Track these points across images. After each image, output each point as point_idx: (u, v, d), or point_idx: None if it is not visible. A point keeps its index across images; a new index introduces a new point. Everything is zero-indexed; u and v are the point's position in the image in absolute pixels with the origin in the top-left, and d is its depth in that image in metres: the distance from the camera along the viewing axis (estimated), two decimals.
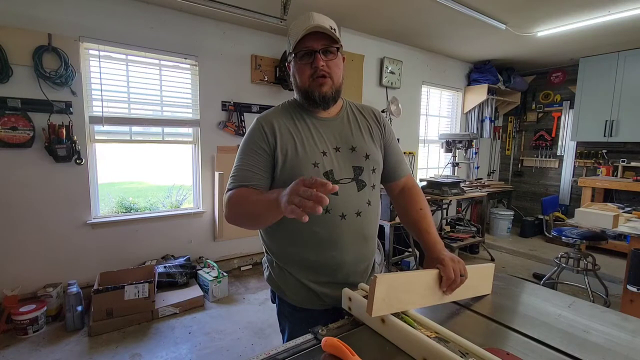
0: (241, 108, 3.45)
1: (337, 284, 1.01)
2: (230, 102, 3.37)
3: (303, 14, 0.97)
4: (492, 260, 4.00)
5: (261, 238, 1.12)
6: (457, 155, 4.39)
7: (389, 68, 3.97)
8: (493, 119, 5.14)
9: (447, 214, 4.34)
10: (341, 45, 0.99)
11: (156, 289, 2.62)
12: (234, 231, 3.47)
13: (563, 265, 3.02)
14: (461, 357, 0.62)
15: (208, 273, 2.99)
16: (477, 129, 5.00)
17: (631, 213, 2.90)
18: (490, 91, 4.77)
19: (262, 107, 3.55)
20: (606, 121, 4.10)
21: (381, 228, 3.32)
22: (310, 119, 1.04)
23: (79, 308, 2.42)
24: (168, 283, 2.87)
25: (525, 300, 0.99)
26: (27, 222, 2.58)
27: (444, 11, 2.98)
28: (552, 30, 3.39)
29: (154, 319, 2.55)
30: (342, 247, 0.99)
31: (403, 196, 1.15)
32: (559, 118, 4.94)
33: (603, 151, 4.49)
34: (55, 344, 2.25)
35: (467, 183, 4.46)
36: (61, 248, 2.71)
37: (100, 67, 2.78)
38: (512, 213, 4.84)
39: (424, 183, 3.89)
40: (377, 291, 0.73)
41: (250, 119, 3.45)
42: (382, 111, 3.79)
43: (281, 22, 2.85)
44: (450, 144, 4.34)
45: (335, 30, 0.96)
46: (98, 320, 2.37)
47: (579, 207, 2.99)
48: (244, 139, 1.02)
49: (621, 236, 3.67)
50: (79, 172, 2.73)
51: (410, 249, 3.58)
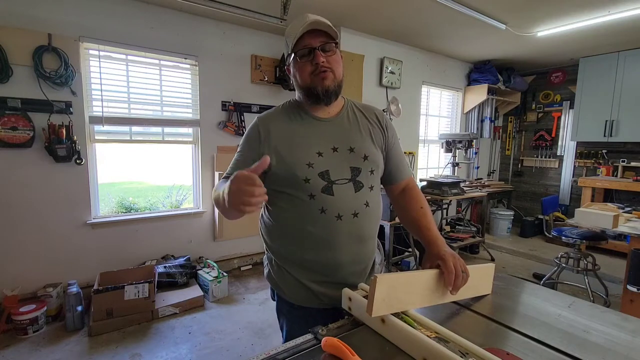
0: (241, 108, 3.45)
1: (335, 284, 1.01)
2: (230, 102, 3.37)
3: (297, 17, 0.99)
4: (492, 260, 4.00)
5: (261, 236, 1.13)
6: (457, 155, 4.39)
7: (389, 68, 3.97)
8: (493, 119, 5.13)
9: (447, 214, 4.34)
10: (338, 41, 1.00)
11: (156, 289, 2.62)
12: (234, 231, 3.47)
13: (563, 265, 3.02)
14: (461, 357, 0.62)
15: (208, 273, 2.99)
16: (477, 129, 5.00)
17: (631, 213, 2.90)
18: (490, 91, 4.76)
19: (262, 107, 3.56)
20: (606, 121, 4.10)
21: (381, 228, 3.31)
22: (308, 120, 1.04)
23: (79, 308, 2.42)
24: (168, 283, 2.87)
25: (525, 300, 0.99)
26: (27, 222, 2.58)
27: (444, 11, 2.98)
28: (552, 30, 3.39)
29: (154, 319, 2.55)
30: (338, 248, 0.99)
31: (403, 196, 1.14)
32: (559, 118, 4.94)
33: (603, 151, 4.49)
34: (55, 344, 2.25)
35: (467, 183, 4.46)
36: (61, 248, 2.71)
37: (100, 67, 2.78)
38: (512, 213, 4.84)
39: (424, 183, 3.88)
40: (377, 291, 0.73)
41: (250, 119, 3.43)
42: (382, 111, 3.79)
43: (281, 22, 2.85)
44: (450, 144, 4.34)
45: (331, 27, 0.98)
46: (98, 320, 2.37)
47: (579, 207, 2.99)
48: (244, 136, 1.08)
49: (621, 236, 3.67)
50: (79, 172, 2.73)
51: (410, 249, 3.58)
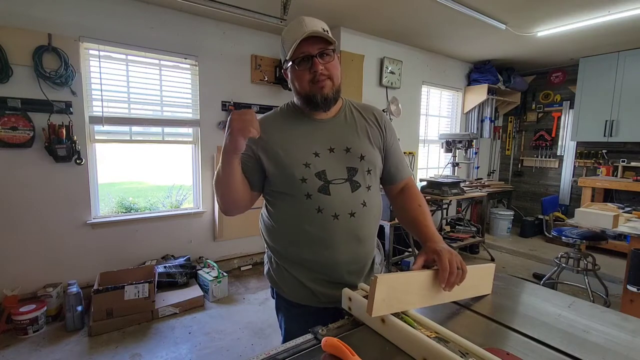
0: (241, 108, 3.44)
1: (332, 283, 1.03)
2: (230, 102, 3.37)
3: (294, 20, 0.98)
4: (492, 260, 4.00)
5: (261, 235, 1.14)
6: (457, 155, 4.39)
7: (389, 68, 3.97)
8: (493, 119, 5.13)
9: (447, 214, 4.34)
10: (336, 46, 0.99)
11: (156, 289, 2.62)
12: (234, 231, 3.47)
13: (563, 265, 3.02)
14: (461, 357, 0.62)
15: (208, 273, 2.99)
16: (477, 129, 5.00)
17: (631, 213, 2.90)
18: (490, 91, 4.76)
19: (262, 107, 3.56)
20: (606, 121, 4.10)
21: (381, 228, 3.31)
22: (305, 121, 1.04)
23: (79, 308, 2.42)
24: (168, 283, 2.87)
25: (525, 300, 0.99)
26: (27, 222, 2.58)
27: (444, 11, 2.98)
28: (552, 30, 3.39)
29: (154, 319, 2.55)
30: (335, 247, 1.00)
31: (402, 195, 1.14)
32: (559, 118, 4.94)
33: (603, 151, 4.49)
34: (55, 344, 2.25)
35: (467, 183, 4.46)
36: (61, 248, 2.71)
37: (100, 67, 2.78)
38: (512, 213, 4.84)
39: (424, 183, 3.88)
40: (377, 291, 0.73)
41: None
42: (382, 111, 3.79)
43: (281, 22, 2.85)
44: (450, 144, 4.34)
45: (327, 31, 0.96)
46: (98, 320, 2.37)
47: (579, 207, 2.99)
48: None
49: (621, 236, 3.67)
50: (79, 172, 2.73)
51: (410, 249, 3.58)
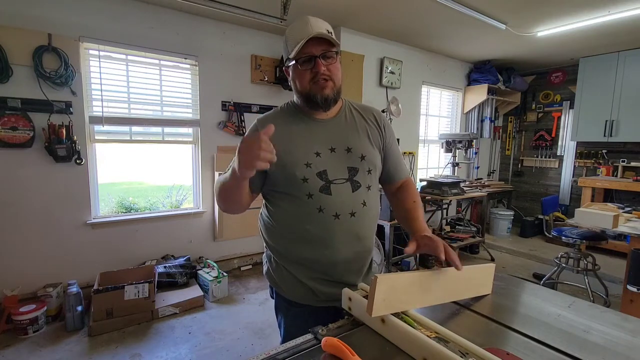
0: (241, 108, 3.45)
1: (332, 282, 1.03)
2: (230, 102, 3.37)
3: (299, 19, 0.97)
4: (492, 260, 4.00)
5: (261, 234, 1.14)
6: (457, 155, 4.39)
7: (389, 68, 3.97)
8: (493, 119, 5.13)
9: (447, 214, 4.34)
10: (339, 48, 0.99)
11: (156, 289, 2.62)
12: (234, 231, 3.46)
13: (563, 265, 3.02)
14: (461, 357, 0.62)
15: (208, 273, 2.99)
16: (477, 129, 5.00)
17: (631, 213, 2.90)
18: (490, 91, 4.76)
19: (262, 107, 3.56)
20: (606, 121, 4.10)
21: (381, 228, 3.31)
22: (306, 120, 1.05)
23: (79, 308, 2.42)
24: (168, 283, 2.87)
25: (525, 300, 0.99)
26: (27, 222, 2.58)
27: (444, 11, 2.98)
28: (552, 30, 3.39)
29: (154, 319, 2.55)
30: (335, 247, 1.00)
31: (400, 192, 1.18)
32: (559, 118, 4.94)
33: (603, 151, 4.49)
34: (55, 344, 2.25)
35: (467, 183, 4.46)
36: (61, 248, 2.71)
37: (100, 67, 2.78)
38: (512, 213, 4.84)
39: (424, 183, 3.88)
40: (377, 291, 0.73)
41: (250, 119, 3.45)
42: (383, 111, 3.79)
43: (281, 22, 2.86)
44: (450, 144, 4.34)
45: (331, 33, 0.96)
46: (98, 320, 2.37)
47: (579, 207, 2.99)
48: (244, 137, 1.06)
49: (621, 236, 3.67)
50: (79, 172, 2.73)
51: None
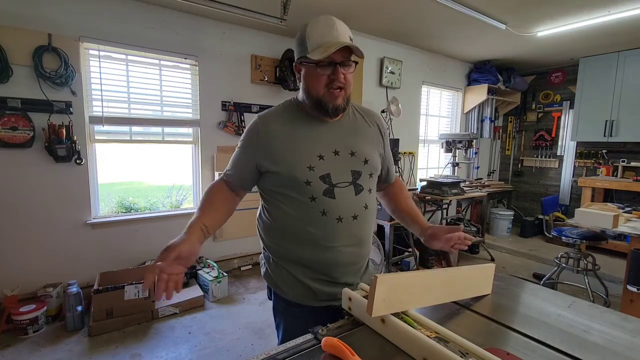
0: (241, 108, 3.45)
1: (332, 282, 1.03)
2: (230, 102, 3.37)
3: (323, 18, 0.94)
4: (492, 260, 4.00)
5: (259, 234, 1.13)
6: (457, 155, 4.39)
7: (389, 68, 3.97)
8: (493, 119, 5.13)
9: (447, 214, 4.34)
10: (358, 62, 0.97)
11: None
12: (234, 231, 3.47)
13: (563, 265, 3.02)
14: (461, 357, 0.62)
15: (208, 273, 2.99)
16: (477, 129, 5.00)
17: (631, 213, 2.90)
18: (490, 91, 4.76)
19: (262, 107, 3.55)
20: (606, 121, 4.10)
21: (381, 228, 3.31)
22: (309, 122, 1.03)
23: (79, 308, 2.42)
24: None
25: (525, 300, 0.99)
26: (27, 222, 2.58)
27: (444, 11, 2.98)
28: (552, 30, 3.39)
29: (154, 319, 2.55)
30: (338, 249, 1.00)
31: (393, 191, 1.27)
32: (559, 118, 4.94)
33: (603, 151, 4.49)
34: (55, 344, 2.25)
35: (467, 183, 4.46)
36: (61, 248, 2.71)
37: (100, 67, 2.78)
38: (512, 213, 4.84)
39: (424, 183, 3.88)
40: (378, 291, 0.73)
41: (250, 119, 3.42)
42: (382, 111, 3.79)
43: (281, 22, 2.85)
44: (450, 144, 4.34)
45: (352, 39, 0.94)
46: (98, 320, 2.37)
47: (579, 207, 2.98)
48: (244, 133, 1.07)
49: (621, 236, 3.66)
50: (79, 172, 2.73)
51: (410, 249, 3.58)
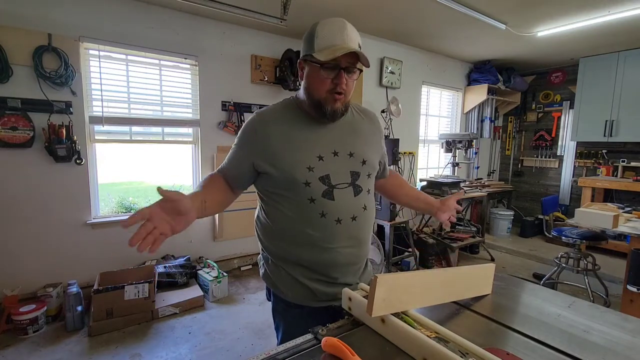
0: (241, 108, 3.45)
1: (331, 282, 1.03)
2: (230, 102, 3.37)
3: (335, 19, 0.93)
4: (492, 260, 4.00)
5: (257, 236, 1.12)
6: (457, 155, 4.39)
7: (389, 68, 3.97)
8: (493, 119, 5.13)
9: None
10: (364, 68, 0.96)
11: (156, 289, 2.62)
12: (234, 231, 3.47)
13: (563, 265, 3.02)
14: (461, 357, 0.62)
15: (208, 273, 2.99)
16: (477, 129, 5.00)
17: (631, 213, 2.90)
18: (490, 91, 4.76)
19: (262, 107, 3.55)
20: (606, 121, 4.10)
21: (381, 228, 3.31)
22: (309, 122, 1.03)
23: (79, 308, 2.42)
24: (168, 283, 2.87)
25: (525, 300, 0.99)
26: (27, 222, 2.58)
27: (444, 11, 2.98)
28: (552, 30, 3.39)
29: (154, 319, 2.55)
30: (336, 250, 1.00)
31: (391, 181, 1.32)
32: (559, 118, 4.94)
33: (603, 151, 4.49)
34: (55, 344, 2.25)
35: (467, 183, 4.46)
36: (61, 248, 2.71)
37: (100, 67, 2.78)
38: (512, 213, 4.84)
39: (424, 183, 3.89)
40: (378, 291, 0.73)
41: None
42: (383, 111, 3.79)
43: (281, 22, 2.85)
44: (450, 144, 4.34)
45: (360, 46, 0.94)
46: (98, 320, 2.37)
47: (579, 207, 2.98)
48: (240, 130, 1.08)
49: (621, 236, 3.67)
50: (79, 172, 2.73)
51: (410, 249, 3.58)
